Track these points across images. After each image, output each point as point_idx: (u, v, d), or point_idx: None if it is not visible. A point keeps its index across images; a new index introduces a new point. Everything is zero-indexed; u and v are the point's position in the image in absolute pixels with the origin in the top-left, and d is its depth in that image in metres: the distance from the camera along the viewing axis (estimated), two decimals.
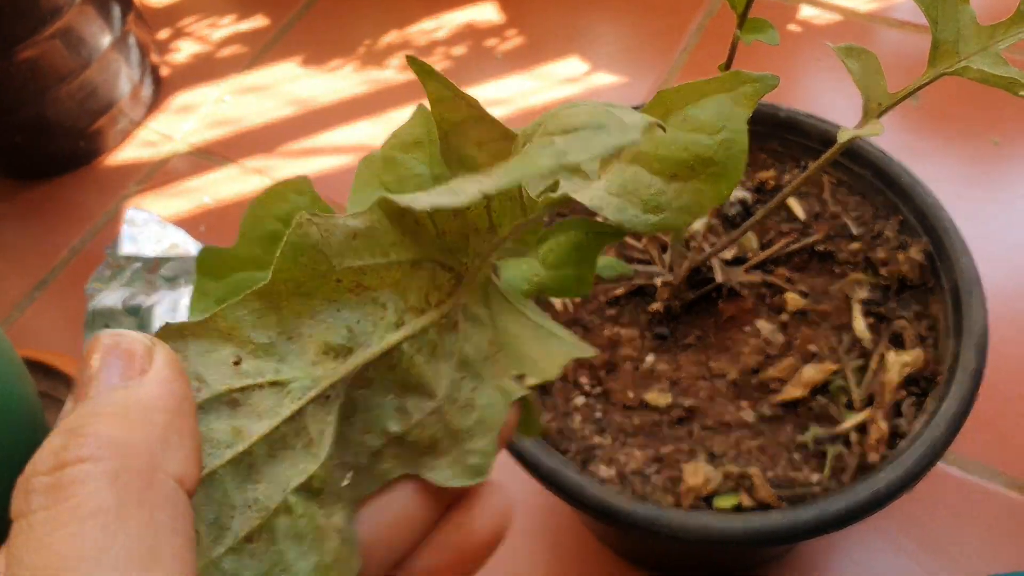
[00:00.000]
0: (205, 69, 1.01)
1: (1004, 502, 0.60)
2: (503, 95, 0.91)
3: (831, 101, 0.82)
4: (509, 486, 0.24)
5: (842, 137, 0.38)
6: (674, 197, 0.28)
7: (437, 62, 0.93)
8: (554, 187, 0.22)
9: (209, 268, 0.30)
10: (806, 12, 0.89)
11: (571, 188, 0.21)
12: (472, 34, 0.98)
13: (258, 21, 1.05)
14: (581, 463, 0.45)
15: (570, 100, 0.41)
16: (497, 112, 0.51)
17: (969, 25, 0.37)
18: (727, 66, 0.46)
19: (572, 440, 0.46)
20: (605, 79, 0.91)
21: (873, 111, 0.39)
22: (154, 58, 0.99)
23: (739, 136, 0.26)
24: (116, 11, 0.89)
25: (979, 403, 0.42)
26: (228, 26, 1.06)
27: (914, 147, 0.77)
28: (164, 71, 1.01)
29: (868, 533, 0.61)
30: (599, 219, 0.28)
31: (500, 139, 0.29)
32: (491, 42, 0.96)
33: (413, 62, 0.24)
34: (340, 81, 0.96)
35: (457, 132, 0.29)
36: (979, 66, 0.35)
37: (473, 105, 0.28)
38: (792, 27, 0.89)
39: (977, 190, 0.73)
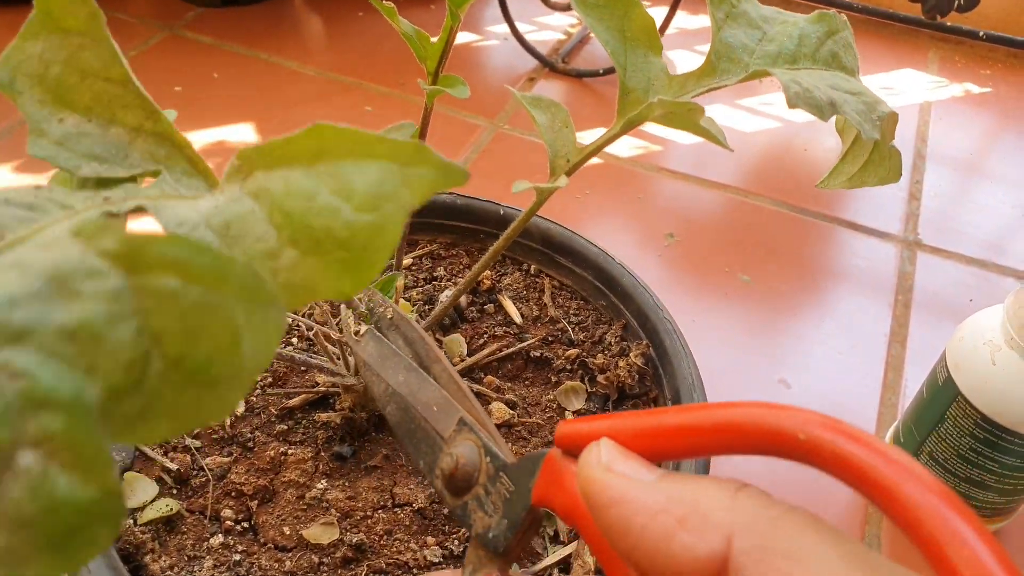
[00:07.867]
0: None
1: None
2: None
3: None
4: None
5: (517, 188, 0.31)
6: (285, 268, 0.19)
7: None
8: None
9: None
10: None
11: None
12: (222, 151, 0.90)
13: None
14: None
15: None
16: None
17: (659, 75, 0.33)
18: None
19: None
20: None
21: (561, 167, 0.33)
22: None
23: (392, 226, 0.18)
24: None
25: None
26: None
27: (670, 282, 0.75)
28: None
29: None
30: None
31: (115, 84, 0.24)
32: None
33: None
34: None
35: (64, 46, 0.23)
36: (661, 108, 0.30)
37: (97, 19, 0.23)
38: None
39: (725, 320, 0.71)
